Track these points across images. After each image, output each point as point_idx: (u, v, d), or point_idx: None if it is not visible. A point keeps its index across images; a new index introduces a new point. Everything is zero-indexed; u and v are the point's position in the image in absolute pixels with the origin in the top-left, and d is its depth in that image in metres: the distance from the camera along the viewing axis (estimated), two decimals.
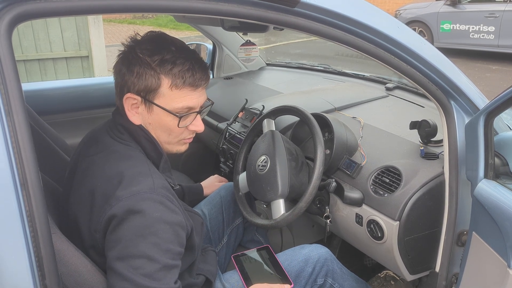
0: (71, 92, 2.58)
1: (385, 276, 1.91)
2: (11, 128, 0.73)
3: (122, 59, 1.11)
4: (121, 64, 1.11)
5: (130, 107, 1.12)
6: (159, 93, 1.09)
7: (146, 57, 1.07)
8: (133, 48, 1.10)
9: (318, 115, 1.74)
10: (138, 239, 0.97)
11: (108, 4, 0.82)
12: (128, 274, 0.95)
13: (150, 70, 1.07)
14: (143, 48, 1.09)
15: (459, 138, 1.30)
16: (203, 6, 0.91)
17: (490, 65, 8.03)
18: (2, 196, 0.73)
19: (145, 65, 1.07)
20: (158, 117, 1.13)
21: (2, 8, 0.73)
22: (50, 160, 1.41)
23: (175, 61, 1.08)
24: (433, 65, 1.20)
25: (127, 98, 1.11)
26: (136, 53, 1.08)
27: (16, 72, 0.74)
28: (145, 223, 0.98)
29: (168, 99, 1.10)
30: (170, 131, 1.16)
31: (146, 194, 1.01)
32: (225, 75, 2.97)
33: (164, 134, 1.16)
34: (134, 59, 1.08)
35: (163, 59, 1.07)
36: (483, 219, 1.17)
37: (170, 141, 1.19)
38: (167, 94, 1.10)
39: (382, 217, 1.44)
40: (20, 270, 0.75)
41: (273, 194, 1.54)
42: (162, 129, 1.15)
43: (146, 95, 1.10)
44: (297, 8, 0.99)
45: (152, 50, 1.08)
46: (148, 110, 1.12)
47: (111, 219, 0.99)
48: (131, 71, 1.08)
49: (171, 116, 1.12)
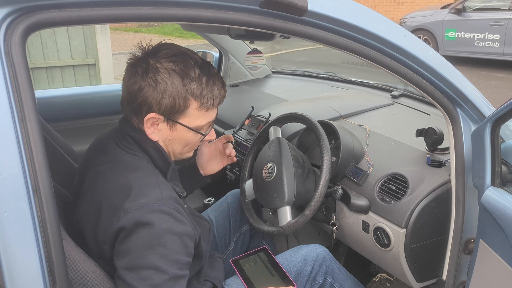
0: (78, 100, 2.61)
1: (380, 280, 1.91)
2: (24, 135, 0.74)
3: (142, 75, 1.07)
4: (141, 80, 1.07)
5: (150, 125, 1.11)
6: (186, 114, 1.11)
7: (174, 79, 1.06)
8: (153, 65, 1.07)
9: (324, 122, 1.75)
10: (147, 251, 0.98)
11: (119, 14, 0.83)
12: (137, 284, 0.96)
13: (178, 92, 1.07)
14: (166, 67, 1.06)
15: (466, 145, 1.30)
16: (211, 15, 0.92)
17: (496, 73, 8.01)
18: (15, 202, 0.74)
19: (172, 86, 1.06)
20: (180, 134, 1.15)
21: (16, 17, 0.75)
22: (59, 166, 1.42)
23: (201, 82, 1.09)
24: (439, 73, 1.21)
25: (150, 118, 1.09)
26: (159, 71, 1.06)
27: (29, 80, 0.76)
28: (153, 235, 0.98)
29: (193, 118, 1.12)
30: (188, 143, 1.19)
31: (154, 205, 1.01)
32: (231, 83, 2.98)
33: (180, 147, 1.19)
34: (157, 78, 1.06)
35: (192, 81, 1.07)
36: (490, 226, 1.17)
37: (183, 151, 1.21)
38: (194, 114, 1.12)
39: (389, 224, 1.44)
40: (31, 275, 0.76)
41: (279, 201, 1.54)
42: (181, 143, 1.18)
43: (171, 115, 1.10)
44: (305, 17, 1.00)
45: (177, 70, 1.06)
46: (170, 128, 1.13)
47: (119, 231, 1.00)
48: (155, 90, 1.06)
49: (193, 133, 1.15)
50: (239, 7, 0.93)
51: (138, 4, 0.84)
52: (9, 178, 0.73)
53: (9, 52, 0.73)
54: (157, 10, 0.86)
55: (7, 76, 0.73)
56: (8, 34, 0.74)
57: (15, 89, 0.74)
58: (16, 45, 0.74)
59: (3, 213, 0.73)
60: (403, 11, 13.27)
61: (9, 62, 0.73)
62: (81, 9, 0.79)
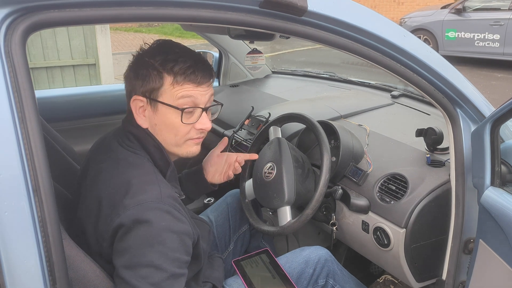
0: (78, 100, 2.61)
1: (384, 281, 1.91)
2: (25, 135, 0.75)
3: (130, 67, 1.16)
4: (129, 71, 1.16)
5: (137, 110, 1.15)
6: (162, 91, 1.12)
7: (151, 60, 1.11)
8: (140, 55, 1.15)
9: (324, 122, 1.75)
10: (145, 249, 0.98)
11: (118, 14, 0.83)
12: (136, 283, 0.96)
13: (154, 70, 1.11)
14: (149, 53, 1.14)
15: (465, 145, 1.30)
16: (211, 15, 0.92)
17: (496, 73, 8.01)
18: (15, 202, 0.74)
19: (149, 66, 1.11)
20: (163, 115, 1.14)
21: (16, 17, 0.75)
22: (59, 166, 1.42)
23: (177, 59, 1.11)
24: (439, 73, 1.21)
25: (134, 101, 1.14)
26: (143, 58, 1.13)
27: (29, 80, 0.76)
28: (152, 233, 0.99)
29: (170, 95, 1.12)
30: (176, 131, 1.16)
31: (153, 203, 1.01)
32: (231, 83, 2.98)
33: (171, 135, 1.16)
34: (140, 63, 1.13)
35: (166, 58, 1.11)
36: (490, 226, 1.17)
37: (178, 142, 1.18)
38: (169, 90, 1.11)
39: (389, 224, 1.44)
40: (32, 274, 0.76)
41: (279, 201, 1.55)
42: (168, 128, 1.15)
43: (151, 94, 1.12)
44: (304, 17, 1.00)
45: (156, 53, 1.12)
46: (153, 110, 1.14)
47: (118, 228, 1.00)
48: (137, 75, 1.13)
49: (175, 113, 1.13)
50: (239, 7, 0.94)
51: (138, 4, 0.84)
52: (9, 178, 0.73)
53: (9, 52, 0.74)
54: (157, 10, 0.86)
55: (7, 76, 0.73)
56: (8, 34, 0.74)
57: (15, 89, 0.74)
58: (16, 45, 0.74)
59: (4, 213, 0.73)
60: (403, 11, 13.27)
61: (9, 62, 0.73)
62: (81, 9, 0.79)
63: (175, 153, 1.21)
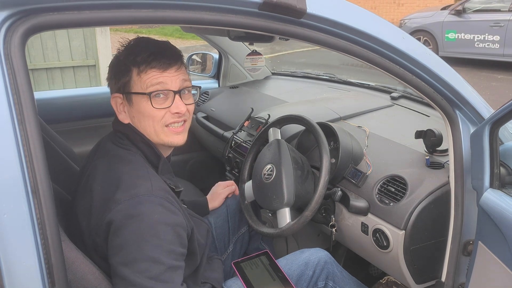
0: (78, 101, 2.61)
1: (387, 282, 1.91)
2: (24, 137, 0.75)
3: (108, 69, 1.22)
4: (108, 73, 1.23)
5: (118, 107, 1.20)
6: (132, 83, 1.15)
7: (120, 57, 1.17)
8: (115, 57, 1.21)
9: (323, 124, 1.75)
10: (140, 243, 0.98)
11: (118, 16, 0.84)
12: (135, 278, 0.96)
13: (122, 65, 1.16)
14: (120, 53, 1.19)
15: (465, 147, 1.30)
16: (211, 18, 0.92)
17: (495, 74, 8.01)
18: (14, 204, 0.74)
19: (119, 63, 1.16)
20: (137, 105, 1.16)
21: (16, 20, 0.75)
22: (59, 168, 1.42)
23: (140, 51, 1.14)
24: (438, 75, 1.21)
25: (113, 99, 1.19)
26: (117, 58, 1.19)
27: (29, 82, 0.76)
28: (145, 226, 0.99)
29: (139, 84, 1.15)
30: (152, 118, 1.16)
31: (144, 197, 1.03)
32: (231, 84, 2.99)
33: (148, 123, 1.17)
34: (113, 64, 1.20)
35: (130, 52, 1.16)
36: (489, 228, 1.17)
37: (156, 130, 1.18)
38: (137, 80, 1.15)
39: (388, 226, 1.44)
40: (31, 276, 0.77)
41: (279, 202, 1.55)
42: (144, 117, 1.16)
43: (124, 89, 1.16)
44: (303, 19, 1.00)
45: (125, 50, 1.17)
46: (129, 103, 1.18)
47: (110, 223, 1.01)
48: (111, 74, 1.20)
49: (146, 99, 1.14)
50: (239, 9, 0.94)
51: (137, 6, 0.84)
52: (8, 180, 0.74)
53: (8, 54, 0.74)
54: (156, 13, 0.87)
55: (7, 78, 0.74)
56: (8, 36, 0.74)
57: (14, 91, 0.74)
58: (16, 47, 0.74)
59: (3, 215, 0.73)
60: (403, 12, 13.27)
61: (8, 64, 0.74)
62: (81, 12, 0.80)
63: (160, 143, 1.20)
